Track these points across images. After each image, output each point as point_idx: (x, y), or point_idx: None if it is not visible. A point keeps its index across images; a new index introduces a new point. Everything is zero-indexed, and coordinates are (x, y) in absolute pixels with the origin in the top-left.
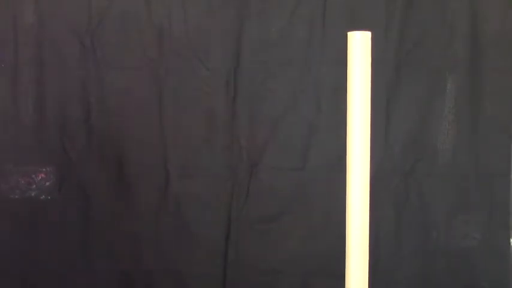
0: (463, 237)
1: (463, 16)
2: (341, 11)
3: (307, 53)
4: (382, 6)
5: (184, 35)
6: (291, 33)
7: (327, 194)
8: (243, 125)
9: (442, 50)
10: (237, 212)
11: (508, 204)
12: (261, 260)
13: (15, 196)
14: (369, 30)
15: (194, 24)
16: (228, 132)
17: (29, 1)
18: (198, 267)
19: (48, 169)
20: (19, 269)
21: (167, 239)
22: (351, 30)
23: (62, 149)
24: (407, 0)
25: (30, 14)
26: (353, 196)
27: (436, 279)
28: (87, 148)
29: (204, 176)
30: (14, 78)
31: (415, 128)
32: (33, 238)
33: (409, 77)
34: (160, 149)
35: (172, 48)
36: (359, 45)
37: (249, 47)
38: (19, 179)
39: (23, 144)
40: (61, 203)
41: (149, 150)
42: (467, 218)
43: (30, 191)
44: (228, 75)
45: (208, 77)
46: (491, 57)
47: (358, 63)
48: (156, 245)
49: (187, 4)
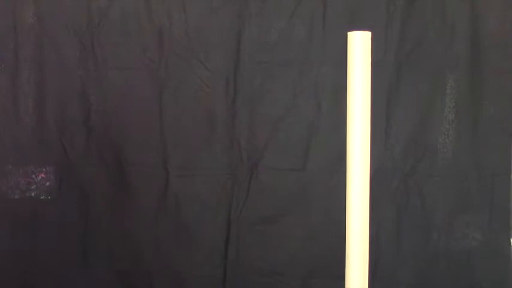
0: (463, 238)
1: (463, 16)
2: (341, 11)
3: (307, 53)
4: (382, 6)
5: (184, 35)
6: (291, 33)
7: (327, 194)
8: (243, 125)
9: (442, 50)
10: (237, 212)
11: (509, 204)
12: (261, 260)
13: (15, 196)
14: (369, 30)
15: (194, 24)
16: (228, 132)
17: (29, 1)
18: (197, 268)
19: (48, 169)
20: (19, 269)
21: (167, 239)
22: (351, 30)
23: (61, 149)
24: (407, 0)
25: (30, 14)
26: (353, 196)
27: (436, 280)
28: (87, 148)
29: (204, 176)
30: (14, 78)
31: (415, 128)
32: (33, 238)
33: (409, 77)
34: (160, 149)
35: (172, 48)
36: (359, 45)
37: (249, 47)
38: (19, 179)
39: (23, 144)
40: (61, 203)
41: (149, 150)
42: (468, 218)
43: (30, 191)
44: (228, 75)
45: (208, 77)
46: (491, 57)
47: (358, 63)
48: (156, 245)
49: (187, 4)
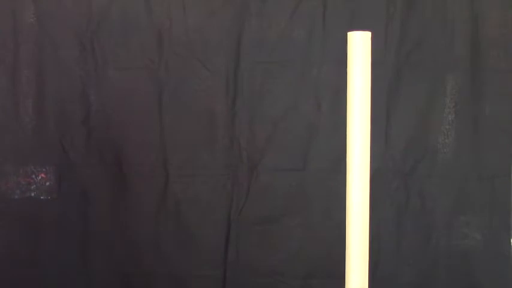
0: (463, 238)
1: (463, 16)
2: (341, 11)
3: (307, 53)
4: (382, 6)
5: (184, 35)
6: (291, 33)
7: (327, 194)
8: (243, 125)
9: (442, 50)
10: (237, 212)
11: (509, 204)
12: (261, 260)
13: (15, 196)
14: (369, 30)
15: (194, 24)
16: (228, 132)
17: (29, 1)
18: (197, 268)
19: (48, 169)
20: (19, 269)
21: (167, 239)
22: (351, 30)
23: (61, 149)
24: (407, 0)
25: (30, 14)
26: (353, 197)
27: (437, 280)
28: (87, 148)
29: (204, 176)
30: (14, 78)
31: (415, 128)
32: (33, 238)
33: (409, 77)
34: (160, 149)
35: (172, 48)
36: (359, 45)
37: (249, 47)
38: (19, 179)
39: (22, 144)
40: (61, 203)
41: (149, 151)
42: (468, 218)
43: (30, 191)
44: (228, 75)
45: (208, 77)
46: (491, 57)
47: (358, 63)
48: (156, 245)
49: (187, 4)
